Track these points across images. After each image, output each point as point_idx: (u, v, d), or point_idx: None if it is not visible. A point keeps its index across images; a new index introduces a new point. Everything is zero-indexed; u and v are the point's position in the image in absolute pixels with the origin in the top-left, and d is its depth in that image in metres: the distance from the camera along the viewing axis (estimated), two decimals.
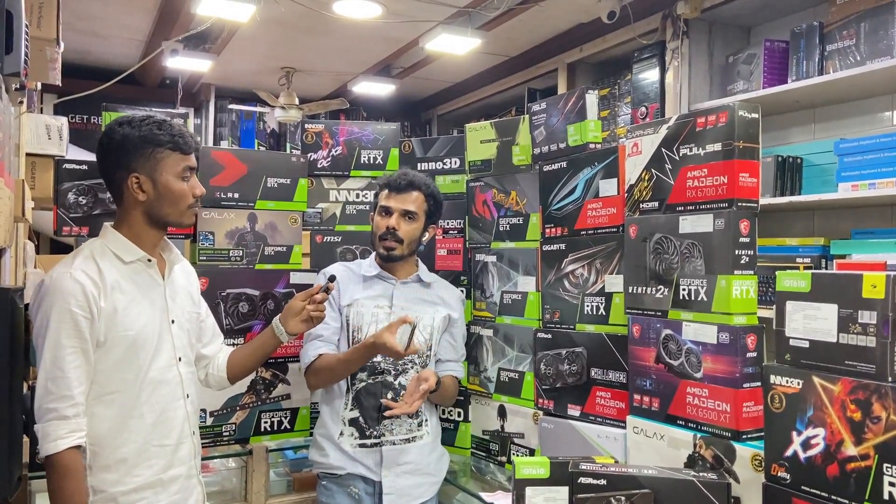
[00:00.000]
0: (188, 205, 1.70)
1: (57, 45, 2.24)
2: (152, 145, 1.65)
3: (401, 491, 2.07)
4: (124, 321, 1.61)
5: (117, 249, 1.65)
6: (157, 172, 1.65)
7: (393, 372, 2.11)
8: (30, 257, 2.93)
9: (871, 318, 1.30)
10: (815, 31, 2.95)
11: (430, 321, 2.17)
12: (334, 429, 2.10)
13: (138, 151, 1.64)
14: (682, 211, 1.77)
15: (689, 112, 1.99)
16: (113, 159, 1.67)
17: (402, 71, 5.27)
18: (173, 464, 1.69)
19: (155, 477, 1.65)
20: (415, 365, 2.12)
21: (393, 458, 2.08)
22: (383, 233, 2.12)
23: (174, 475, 1.69)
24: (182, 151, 1.68)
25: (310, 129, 2.55)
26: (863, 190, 2.67)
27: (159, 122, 1.68)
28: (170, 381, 1.70)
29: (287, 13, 3.89)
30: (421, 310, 2.15)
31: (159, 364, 1.67)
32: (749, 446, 1.59)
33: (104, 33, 4.59)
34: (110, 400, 1.61)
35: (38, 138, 2.95)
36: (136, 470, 1.62)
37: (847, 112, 3.09)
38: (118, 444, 1.61)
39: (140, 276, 1.68)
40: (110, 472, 1.60)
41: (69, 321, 1.54)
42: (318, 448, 2.14)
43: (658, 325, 1.80)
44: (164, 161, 1.66)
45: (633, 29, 3.67)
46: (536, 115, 2.24)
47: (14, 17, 1.62)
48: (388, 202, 2.13)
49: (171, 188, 1.66)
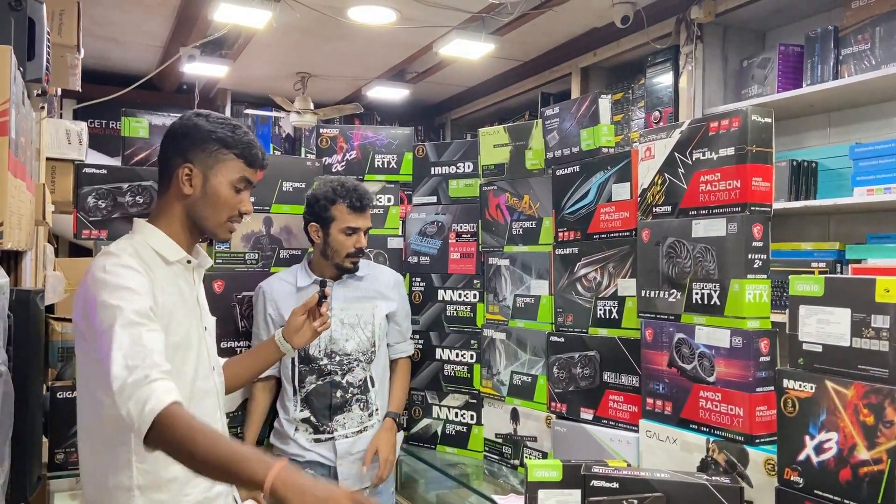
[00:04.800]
0: (229, 216, 1.56)
1: (77, 51, 2.28)
2: (219, 143, 1.54)
3: (356, 476, 2.18)
4: (170, 325, 1.46)
5: (160, 248, 1.51)
6: (212, 172, 1.53)
7: (340, 372, 2.20)
8: (49, 260, 2.97)
9: (884, 323, 1.30)
10: (829, 35, 2.93)
11: (370, 318, 2.25)
12: (289, 427, 2.21)
13: (203, 144, 1.53)
14: (695, 215, 1.77)
15: (703, 116, 1.99)
16: (175, 144, 1.55)
17: (416, 76, 5.29)
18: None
19: (202, 496, 1.52)
20: (360, 362, 2.22)
21: (346, 448, 2.19)
22: (353, 252, 2.18)
23: (218, 492, 1.56)
24: (246, 162, 1.56)
25: (324, 134, 2.58)
26: (878, 194, 2.66)
27: (236, 126, 1.58)
28: (210, 391, 1.57)
29: (302, 19, 3.92)
30: (360, 308, 2.24)
31: (202, 373, 1.55)
32: (762, 450, 1.59)
33: (123, 39, 4.65)
34: None
35: (59, 143, 2.99)
36: (186, 489, 1.49)
37: (862, 116, 3.07)
38: (169, 462, 1.37)
39: (180, 279, 1.55)
40: (161, 492, 1.46)
41: (137, 300, 1.36)
42: (278, 437, 2.25)
43: (671, 329, 1.81)
44: (225, 164, 1.54)
45: (647, 33, 3.67)
46: (550, 120, 2.25)
47: (36, 25, 1.65)
48: (354, 222, 2.17)
49: (219, 192, 1.54)
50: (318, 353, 2.19)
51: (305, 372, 2.20)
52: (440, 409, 2.53)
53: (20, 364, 1.56)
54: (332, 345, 2.20)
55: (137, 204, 2.20)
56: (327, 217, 2.16)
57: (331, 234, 2.17)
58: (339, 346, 2.20)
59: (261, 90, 5.65)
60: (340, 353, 2.20)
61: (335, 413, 2.19)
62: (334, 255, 2.18)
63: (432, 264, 2.58)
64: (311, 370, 2.19)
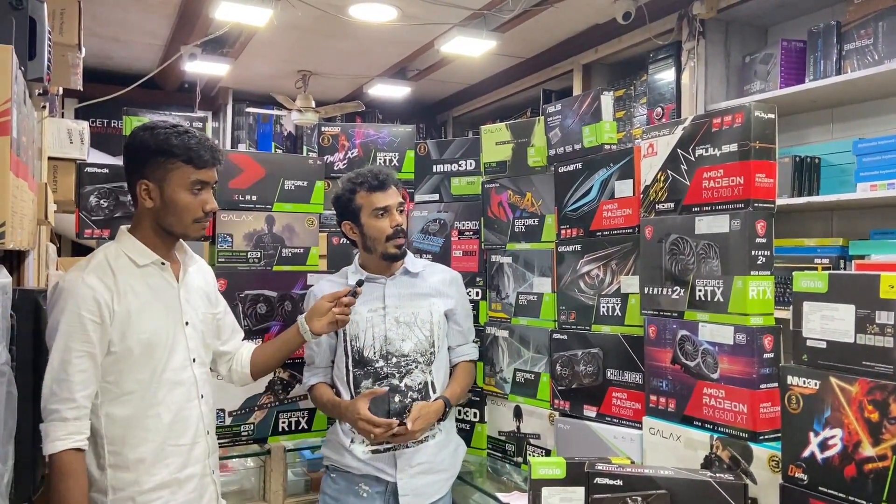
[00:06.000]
0: (194, 218, 1.70)
1: (79, 50, 2.28)
2: (165, 155, 1.66)
3: (417, 490, 2.05)
4: (138, 324, 1.64)
5: (131, 253, 1.68)
6: (165, 182, 1.67)
7: (398, 375, 2.07)
8: (51, 259, 2.98)
9: (888, 319, 1.30)
10: (832, 30, 2.93)
11: (428, 316, 2.12)
12: (344, 438, 2.09)
13: (151, 159, 1.66)
14: (698, 212, 1.76)
15: (705, 113, 1.99)
16: (130, 161, 1.70)
17: (417, 73, 5.29)
18: (188, 463, 1.71)
19: (171, 476, 1.67)
20: (419, 364, 2.08)
21: (407, 460, 2.05)
22: (392, 233, 2.07)
23: (189, 474, 1.71)
24: (195, 165, 1.67)
25: (326, 132, 2.58)
26: (882, 190, 2.65)
27: (180, 132, 1.67)
28: (184, 381, 1.72)
29: (303, 17, 3.92)
30: (416, 305, 2.11)
31: (174, 365, 1.70)
32: (766, 447, 1.59)
33: (125, 38, 4.65)
34: (126, 400, 1.64)
35: (60, 142, 2.99)
36: (154, 469, 1.65)
37: (865, 111, 3.06)
38: (136, 444, 1.64)
39: (153, 279, 1.70)
40: (128, 471, 1.63)
41: (78, 325, 1.57)
42: (332, 448, 2.14)
43: (674, 326, 1.80)
44: (174, 172, 1.66)
45: (649, 29, 3.67)
46: (552, 117, 2.24)
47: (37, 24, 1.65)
48: (380, 202, 2.06)
49: (175, 200, 1.67)
50: (373, 355, 2.06)
51: (360, 376, 2.07)
52: None
53: (23, 364, 1.56)
54: (388, 345, 2.06)
55: None
56: (354, 209, 2.07)
57: (364, 224, 2.07)
58: (396, 346, 2.06)
59: (262, 89, 5.65)
60: (397, 353, 2.06)
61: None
62: (376, 245, 2.07)
63: (435, 262, 2.57)
64: (366, 374, 2.06)
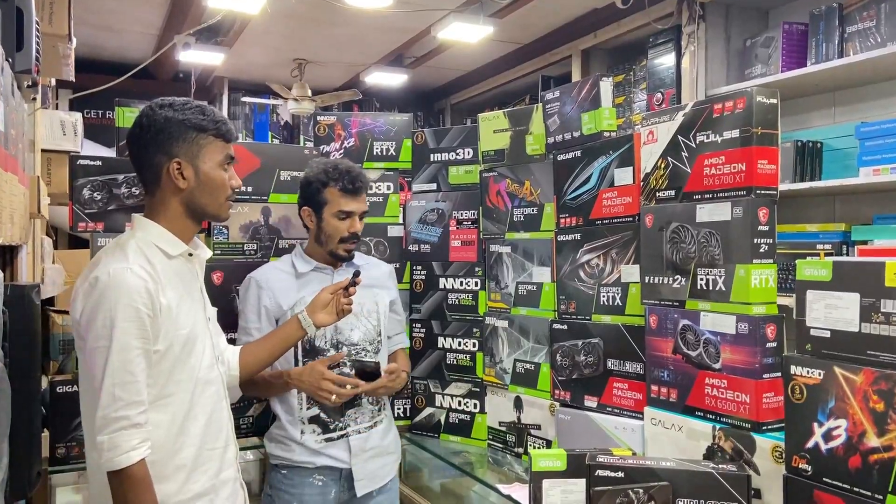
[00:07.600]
0: (227, 196, 1.61)
1: (69, 40, 2.25)
2: (196, 130, 1.54)
3: (371, 474, 2.10)
4: (178, 319, 1.50)
5: (162, 243, 1.53)
6: (200, 159, 1.55)
7: (348, 363, 2.09)
8: (47, 253, 2.96)
9: (894, 308, 1.27)
10: (834, 12, 2.89)
11: (374, 307, 2.18)
12: (293, 430, 2.05)
13: (181, 136, 1.53)
14: (700, 199, 1.74)
15: (706, 98, 1.96)
16: (152, 143, 1.53)
17: (414, 60, 5.24)
18: (223, 467, 1.60)
19: (210, 483, 1.54)
20: (367, 353, 2.14)
21: (360, 445, 2.08)
22: (347, 236, 2.09)
23: (224, 479, 1.59)
24: (225, 139, 1.59)
25: (322, 122, 2.54)
26: (885, 174, 2.62)
27: (202, 106, 1.57)
28: (214, 380, 1.60)
29: (298, 4, 3.88)
30: (362, 296, 2.10)
31: (205, 363, 1.57)
32: (769, 438, 1.57)
33: (117, 28, 4.60)
34: (165, 404, 1.49)
35: (54, 134, 2.97)
36: (194, 476, 1.52)
37: (868, 95, 3.03)
38: (176, 450, 1.49)
39: (183, 272, 1.57)
40: (169, 481, 1.47)
41: (136, 320, 1.41)
42: (278, 444, 2.08)
43: (675, 316, 1.78)
44: (208, 147, 1.56)
45: (648, 13, 3.62)
46: (550, 104, 2.21)
47: (24, 14, 1.62)
48: (347, 206, 2.07)
49: (212, 177, 1.56)
50: (324, 345, 2.11)
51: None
52: (443, 398, 2.52)
53: (16, 360, 1.55)
54: (338, 335, 2.11)
55: (133, 195, 2.17)
56: (320, 201, 2.08)
57: (324, 218, 2.08)
58: (345, 335, 2.11)
59: (258, 78, 5.61)
60: (347, 343, 2.11)
61: (347, 407, 2.07)
62: (328, 241, 2.09)
63: (433, 252, 2.55)
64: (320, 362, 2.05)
